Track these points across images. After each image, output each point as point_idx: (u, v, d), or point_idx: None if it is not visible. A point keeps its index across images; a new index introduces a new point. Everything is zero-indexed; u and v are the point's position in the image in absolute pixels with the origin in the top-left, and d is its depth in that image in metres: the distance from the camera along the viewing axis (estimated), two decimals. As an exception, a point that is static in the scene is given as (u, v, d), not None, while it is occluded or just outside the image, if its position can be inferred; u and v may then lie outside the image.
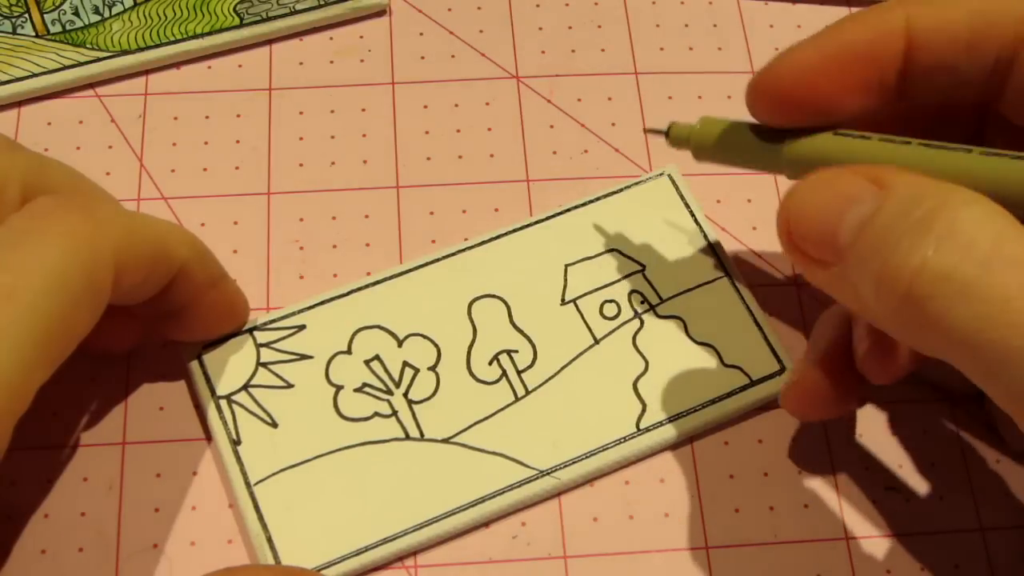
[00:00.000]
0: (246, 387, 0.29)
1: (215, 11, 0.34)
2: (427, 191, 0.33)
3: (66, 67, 0.33)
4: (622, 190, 0.32)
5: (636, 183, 0.32)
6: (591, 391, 0.29)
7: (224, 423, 0.28)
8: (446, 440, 0.28)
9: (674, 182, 0.32)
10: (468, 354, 0.30)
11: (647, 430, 0.29)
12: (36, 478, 0.28)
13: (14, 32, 0.34)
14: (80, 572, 0.27)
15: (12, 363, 0.20)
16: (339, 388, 0.29)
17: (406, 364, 0.29)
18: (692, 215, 0.32)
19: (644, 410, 0.29)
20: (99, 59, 0.33)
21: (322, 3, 0.34)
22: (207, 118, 0.33)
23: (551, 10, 0.36)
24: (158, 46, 0.33)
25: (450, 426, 0.29)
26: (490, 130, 0.34)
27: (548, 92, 0.34)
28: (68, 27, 0.34)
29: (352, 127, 0.33)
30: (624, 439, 0.29)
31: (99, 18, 0.34)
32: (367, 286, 0.30)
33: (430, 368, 0.29)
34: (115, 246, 0.23)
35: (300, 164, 0.33)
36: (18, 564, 0.27)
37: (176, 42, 0.34)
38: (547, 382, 0.29)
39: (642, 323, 0.30)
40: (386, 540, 0.27)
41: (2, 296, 0.21)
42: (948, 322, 0.21)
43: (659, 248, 0.31)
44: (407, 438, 0.28)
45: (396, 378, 0.29)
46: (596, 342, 0.30)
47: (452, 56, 0.35)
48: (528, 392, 0.29)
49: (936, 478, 0.29)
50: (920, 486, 0.29)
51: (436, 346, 0.30)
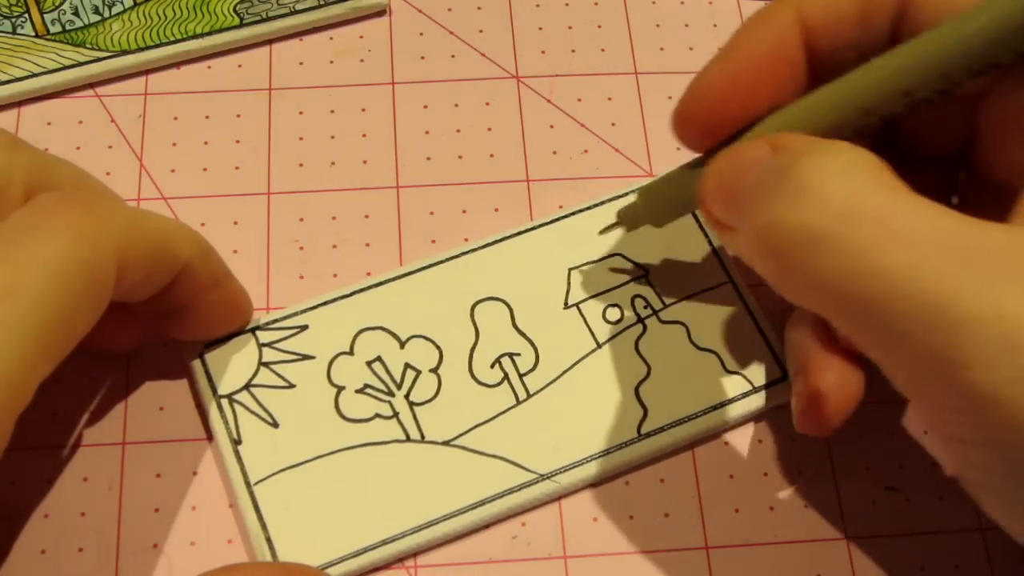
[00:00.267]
0: (248, 386, 0.29)
1: (215, 11, 0.34)
2: (427, 191, 0.33)
3: (66, 67, 0.33)
4: (626, 194, 0.32)
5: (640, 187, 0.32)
6: (593, 395, 0.29)
7: (225, 422, 0.28)
8: (447, 442, 0.28)
9: None
10: (470, 357, 0.30)
11: (648, 435, 0.29)
12: (36, 478, 0.28)
13: (14, 32, 0.33)
14: (80, 572, 0.27)
15: (14, 358, 0.20)
16: (340, 389, 0.29)
17: (408, 366, 0.29)
18: (696, 220, 0.32)
19: (645, 415, 0.29)
20: (99, 59, 0.33)
21: (322, 3, 0.34)
22: (207, 118, 0.33)
23: (551, 10, 0.36)
24: (158, 46, 0.33)
25: (451, 428, 0.29)
26: (490, 130, 0.34)
27: (548, 92, 0.34)
28: (68, 27, 0.34)
29: (352, 127, 0.33)
30: (625, 444, 0.29)
31: (99, 18, 0.34)
32: (370, 287, 0.30)
33: (432, 370, 0.29)
34: (118, 242, 0.23)
35: (300, 164, 0.33)
36: (18, 564, 0.27)
37: (176, 42, 0.33)
38: (549, 386, 0.29)
39: (644, 328, 0.30)
40: (385, 542, 0.27)
41: (4, 291, 0.20)
42: (807, 276, 0.22)
43: (662, 253, 0.31)
44: (408, 440, 0.28)
45: (398, 379, 0.29)
46: (598, 346, 0.30)
47: (452, 56, 0.35)
48: (530, 395, 0.29)
49: (936, 478, 0.29)
50: (920, 486, 0.29)
51: (438, 348, 0.30)
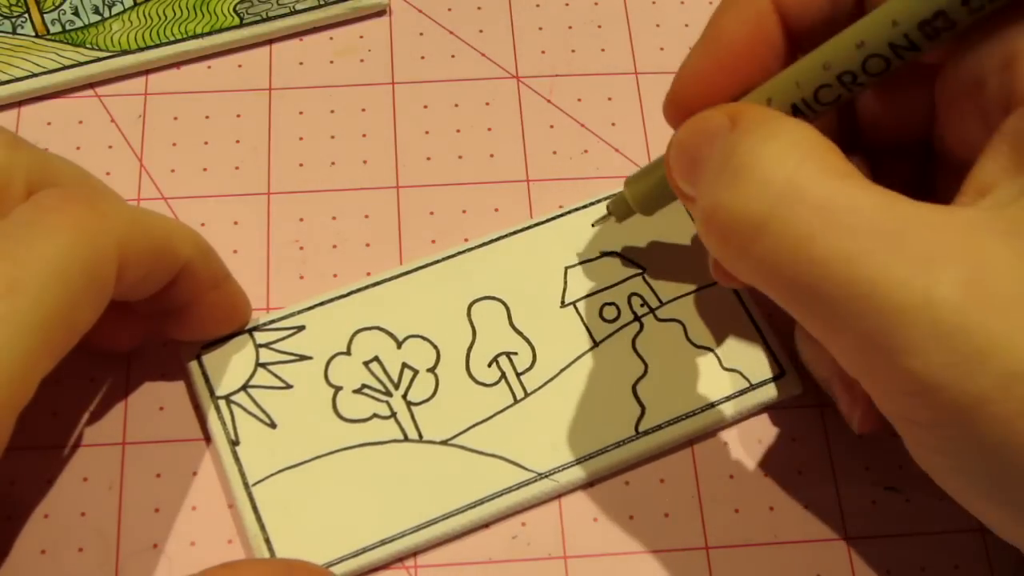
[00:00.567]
0: (245, 387, 0.29)
1: (215, 11, 0.34)
2: (427, 191, 0.32)
3: (66, 67, 0.33)
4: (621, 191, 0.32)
5: None
6: (590, 394, 0.29)
7: (223, 423, 0.28)
8: (445, 442, 0.28)
9: None
10: (467, 356, 0.30)
11: (646, 433, 0.29)
12: (36, 478, 0.28)
13: (14, 32, 0.34)
14: (80, 572, 0.27)
15: (15, 354, 0.20)
16: (338, 389, 0.29)
17: (405, 365, 0.29)
18: (692, 218, 0.32)
19: (643, 413, 0.29)
20: (99, 59, 0.33)
21: (322, 3, 0.34)
22: (207, 118, 0.33)
23: (551, 10, 0.36)
24: (158, 46, 0.33)
25: (449, 428, 0.29)
26: (490, 130, 0.34)
27: (548, 92, 0.34)
28: (68, 27, 0.34)
29: (352, 127, 0.33)
30: (623, 442, 0.29)
31: (99, 18, 0.34)
32: (367, 287, 0.30)
33: (429, 370, 0.29)
34: (119, 239, 0.23)
35: (300, 164, 0.33)
36: (18, 564, 0.27)
37: (176, 42, 0.33)
38: (546, 384, 0.29)
39: (641, 326, 0.30)
40: (384, 542, 0.27)
41: (6, 287, 0.20)
42: (749, 259, 0.22)
43: (659, 251, 0.31)
44: (406, 439, 0.28)
45: (395, 379, 0.29)
46: (595, 345, 0.30)
47: (452, 56, 0.35)
48: (527, 394, 0.29)
49: (936, 478, 0.29)
50: (920, 486, 0.29)
51: (435, 348, 0.30)
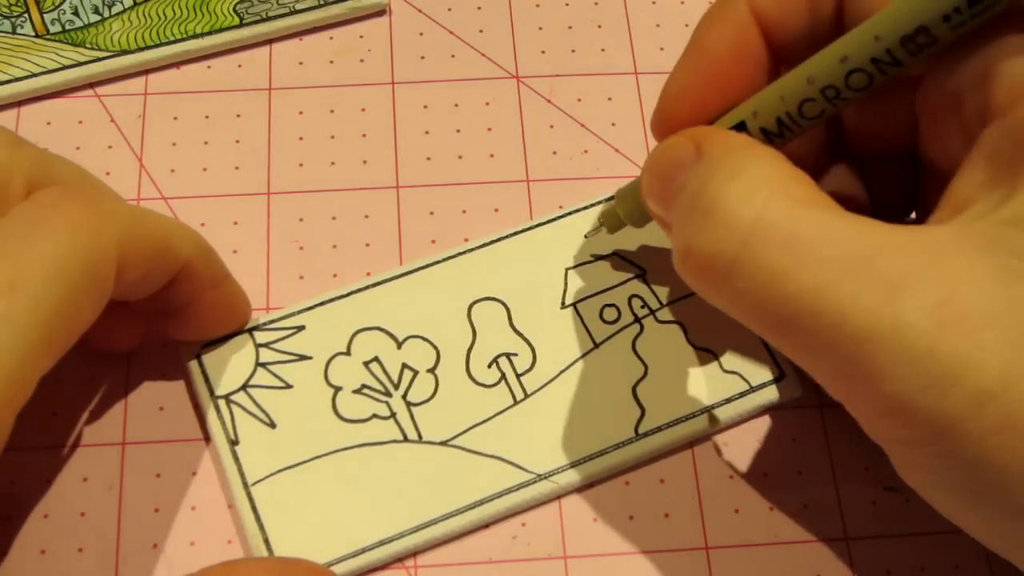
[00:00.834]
0: (245, 387, 0.29)
1: (215, 11, 0.34)
2: (427, 191, 0.32)
3: (66, 67, 0.33)
4: None
5: None
6: (590, 395, 0.29)
7: (222, 423, 0.28)
8: (444, 443, 0.28)
9: None
10: (467, 357, 0.30)
11: (646, 435, 0.29)
12: (36, 478, 0.28)
13: (14, 32, 0.34)
14: (80, 572, 0.27)
15: (15, 353, 0.20)
16: (338, 389, 0.29)
17: (405, 366, 0.29)
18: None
19: (643, 415, 0.29)
20: (99, 59, 0.33)
21: (322, 3, 0.34)
22: (207, 118, 0.33)
23: (551, 10, 0.36)
24: (158, 46, 0.33)
25: (448, 428, 0.29)
26: (490, 130, 0.34)
27: (548, 92, 0.34)
28: (68, 27, 0.34)
29: (352, 127, 0.33)
30: (623, 444, 0.29)
31: (99, 18, 0.34)
32: (367, 287, 0.30)
33: (429, 370, 0.29)
34: (119, 238, 0.23)
35: (300, 164, 0.33)
36: (18, 564, 0.27)
37: (176, 42, 0.33)
38: (546, 386, 0.29)
39: (642, 328, 0.30)
40: (383, 542, 0.27)
41: (5, 285, 0.20)
42: (724, 297, 0.22)
43: (660, 252, 0.31)
44: (405, 440, 0.28)
45: (395, 380, 0.29)
46: (596, 346, 0.30)
47: (452, 56, 0.35)
48: (527, 395, 0.29)
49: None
50: (920, 487, 0.29)
51: (435, 348, 0.30)
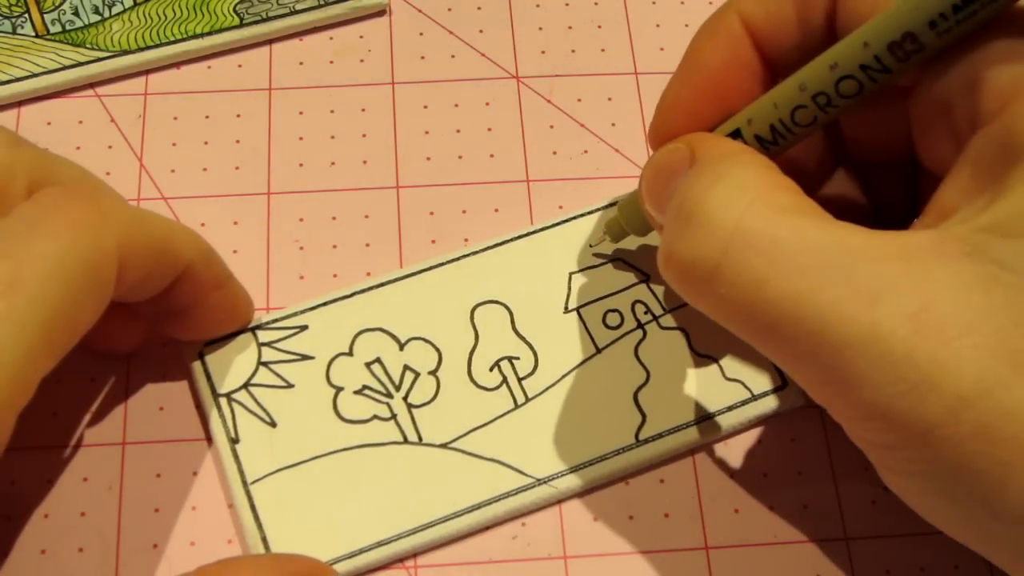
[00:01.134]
0: (246, 386, 0.29)
1: (215, 11, 0.34)
2: (427, 191, 0.32)
3: (66, 67, 0.33)
4: None
5: None
6: (591, 401, 0.29)
7: (223, 421, 0.28)
8: (444, 445, 0.28)
9: None
10: (469, 359, 0.29)
11: (646, 442, 0.29)
12: (36, 478, 0.28)
13: (14, 32, 0.33)
14: (80, 572, 0.27)
15: (16, 353, 0.20)
16: (339, 389, 0.29)
17: (407, 367, 0.29)
18: None
19: (644, 421, 0.29)
20: (99, 59, 0.33)
21: (322, 3, 0.34)
22: (207, 118, 0.33)
23: (551, 10, 0.36)
24: (158, 46, 0.33)
25: (448, 431, 0.29)
26: (490, 130, 0.34)
27: (548, 92, 0.34)
28: (68, 27, 0.34)
29: (352, 127, 0.33)
30: (623, 450, 0.28)
31: (99, 18, 0.34)
32: (370, 288, 0.30)
33: (431, 372, 0.29)
34: (120, 238, 0.23)
35: (300, 164, 0.33)
36: (18, 564, 0.27)
37: (176, 42, 0.33)
38: (547, 390, 0.29)
39: (645, 334, 0.30)
40: (381, 543, 0.27)
41: (6, 286, 0.20)
42: (707, 303, 0.22)
43: None
44: (405, 442, 0.28)
45: (396, 381, 0.29)
46: (598, 351, 0.30)
47: (452, 56, 0.35)
48: (528, 399, 0.29)
49: (936, 478, 0.29)
50: (920, 486, 0.29)
51: (437, 350, 0.30)
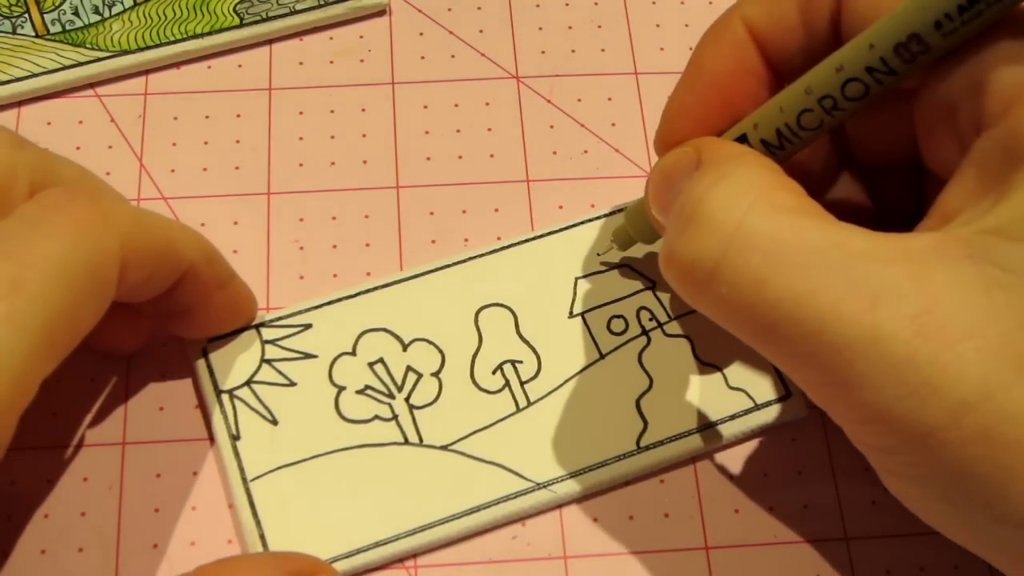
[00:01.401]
0: (249, 383, 0.29)
1: (215, 11, 0.34)
2: (427, 191, 0.33)
3: (66, 67, 0.33)
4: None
5: None
6: (593, 406, 0.29)
7: (224, 417, 0.28)
8: (445, 447, 0.28)
9: None
10: (472, 362, 0.29)
11: (647, 448, 0.29)
12: (36, 478, 0.28)
13: (14, 32, 0.33)
14: (80, 572, 0.27)
15: (17, 354, 0.20)
16: (341, 389, 0.29)
17: (410, 368, 0.29)
18: None
19: (645, 428, 0.29)
20: (99, 59, 0.33)
21: (322, 3, 0.34)
22: (207, 118, 0.33)
23: (551, 10, 0.36)
24: (158, 46, 0.33)
25: (450, 433, 0.29)
26: (490, 130, 0.34)
27: (548, 92, 0.34)
28: (68, 27, 0.34)
29: (352, 127, 0.33)
30: (624, 456, 0.28)
31: (99, 18, 0.34)
32: (375, 288, 0.30)
33: (433, 374, 0.29)
34: (122, 239, 0.23)
35: (300, 164, 0.33)
36: (18, 564, 0.27)
37: (176, 42, 0.33)
38: (550, 395, 0.29)
39: (649, 340, 0.30)
40: (379, 543, 0.27)
41: (8, 286, 0.20)
42: (707, 303, 0.22)
43: None
44: (406, 443, 0.28)
45: (399, 382, 0.29)
46: (601, 357, 0.30)
47: (452, 56, 0.35)
48: (530, 403, 0.29)
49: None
50: (920, 486, 0.29)
51: (441, 352, 0.29)
